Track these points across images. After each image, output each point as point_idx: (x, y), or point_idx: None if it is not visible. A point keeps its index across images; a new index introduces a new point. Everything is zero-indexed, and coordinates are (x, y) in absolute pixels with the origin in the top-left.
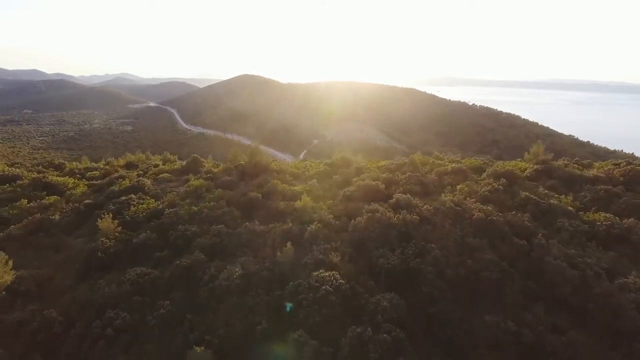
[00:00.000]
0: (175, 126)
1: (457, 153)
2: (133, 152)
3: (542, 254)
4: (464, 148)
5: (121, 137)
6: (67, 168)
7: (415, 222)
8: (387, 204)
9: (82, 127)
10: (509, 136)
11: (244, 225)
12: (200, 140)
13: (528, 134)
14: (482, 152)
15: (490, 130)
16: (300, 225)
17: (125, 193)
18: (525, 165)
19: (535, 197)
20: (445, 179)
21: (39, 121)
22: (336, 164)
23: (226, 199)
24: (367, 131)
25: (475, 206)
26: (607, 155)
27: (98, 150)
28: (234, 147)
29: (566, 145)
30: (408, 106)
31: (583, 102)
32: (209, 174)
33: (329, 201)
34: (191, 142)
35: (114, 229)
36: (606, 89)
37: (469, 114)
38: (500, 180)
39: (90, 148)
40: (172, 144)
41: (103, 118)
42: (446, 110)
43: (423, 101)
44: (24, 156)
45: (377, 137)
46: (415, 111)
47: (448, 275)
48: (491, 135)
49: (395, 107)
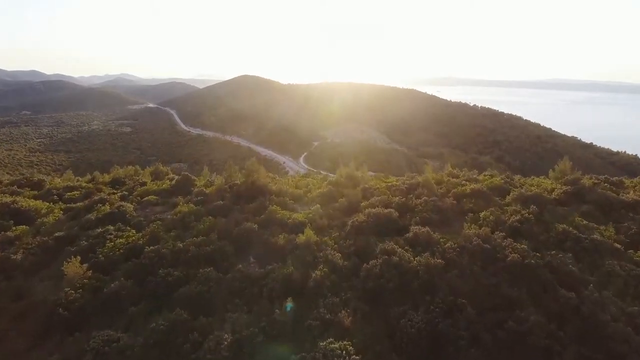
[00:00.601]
0: (175, 127)
1: (459, 154)
2: (132, 154)
3: (596, 310)
4: (465, 149)
5: (120, 139)
6: (46, 187)
7: (439, 267)
8: (403, 238)
9: (81, 128)
10: (510, 137)
11: (237, 268)
12: (199, 142)
13: (529, 135)
14: (483, 153)
15: (492, 131)
16: (303, 268)
17: (103, 222)
18: (552, 184)
19: (574, 231)
20: (465, 204)
21: (37, 123)
22: (341, 182)
23: (217, 228)
24: (368, 132)
25: (507, 243)
26: (610, 157)
27: (96, 153)
28: (229, 163)
29: (569, 147)
30: (408, 107)
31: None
32: (200, 197)
33: (334, 233)
34: (190, 144)
35: (83, 274)
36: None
37: (469, 114)
38: (530, 208)
39: (88, 150)
40: (171, 145)
41: (102, 119)
42: (447, 111)
43: (423, 102)
44: (20, 159)
45: (377, 137)
46: (416, 112)
47: (484, 341)
48: (492, 136)
49: (395, 107)
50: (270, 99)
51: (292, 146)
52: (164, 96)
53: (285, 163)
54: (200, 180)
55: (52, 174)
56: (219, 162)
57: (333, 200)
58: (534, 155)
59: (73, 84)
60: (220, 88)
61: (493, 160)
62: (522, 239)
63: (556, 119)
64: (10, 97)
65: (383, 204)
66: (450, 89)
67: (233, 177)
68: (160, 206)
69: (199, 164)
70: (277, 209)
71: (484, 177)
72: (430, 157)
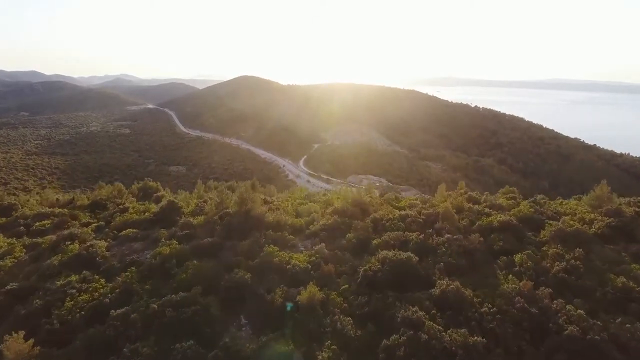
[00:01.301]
0: (174, 129)
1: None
2: (129, 156)
3: None
4: (466, 151)
5: (118, 141)
6: (14, 214)
7: (478, 347)
8: (428, 296)
9: (79, 129)
10: (513, 139)
11: (223, 343)
12: (198, 144)
13: (532, 136)
14: (485, 155)
15: (493, 132)
16: (305, 343)
17: (68, 268)
18: (588, 213)
19: (636, 287)
20: (494, 241)
21: (35, 124)
22: (348, 211)
23: (203, 277)
24: (368, 133)
25: (558, 306)
26: (614, 159)
27: (93, 155)
28: (220, 189)
29: (572, 148)
30: (409, 107)
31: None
32: (186, 230)
33: (343, 284)
34: (189, 146)
35: (29, 352)
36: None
37: (470, 115)
38: (575, 252)
39: (85, 153)
40: (169, 147)
41: (100, 120)
42: (447, 112)
43: (424, 102)
44: (15, 162)
45: (378, 139)
46: (416, 113)
47: None
48: (494, 137)
49: (396, 108)
50: (270, 100)
51: (292, 148)
52: (164, 97)
53: (284, 166)
54: (189, 204)
55: (47, 177)
56: (217, 165)
57: (340, 235)
58: (536, 157)
59: (72, 85)
60: (220, 89)
61: (495, 163)
62: (572, 295)
63: (556, 119)
64: (9, 98)
65: (398, 242)
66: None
67: (225, 203)
68: (139, 242)
69: (198, 166)
70: (275, 249)
71: (506, 200)
72: (432, 159)
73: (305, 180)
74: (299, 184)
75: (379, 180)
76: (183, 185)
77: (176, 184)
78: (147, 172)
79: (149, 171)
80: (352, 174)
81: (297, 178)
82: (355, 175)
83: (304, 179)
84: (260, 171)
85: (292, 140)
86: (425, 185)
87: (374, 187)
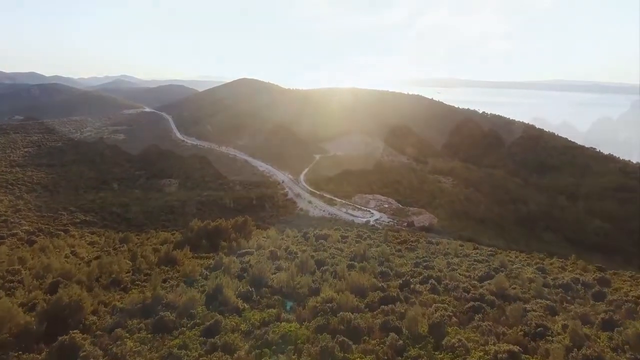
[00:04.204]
0: (169, 135)
1: (471, 168)
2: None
3: None
4: (476, 162)
5: (110, 149)
6: None
7: None
8: None
9: (72, 135)
10: (525, 148)
11: None
12: (193, 154)
13: (545, 146)
14: (496, 167)
15: (504, 141)
16: None
17: None
18: None
19: None
20: None
21: (27, 129)
22: None
23: None
24: (372, 144)
25: None
26: (636, 172)
27: (81, 166)
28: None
29: (588, 159)
30: (414, 114)
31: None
32: None
33: None
34: (183, 156)
35: None
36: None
37: (478, 122)
38: None
39: (74, 163)
40: (163, 156)
41: (96, 125)
42: (455, 119)
43: (430, 109)
44: None
45: (382, 149)
46: (422, 119)
47: None
48: (505, 147)
49: (400, 115)
50: (270, 103)
51: (293, 160)
52: (162, 99)
53: (284, 182)
54: None
55: (24, 196)
56: (212, 180)
57: None
58: (551, 169)
59: (69, 87)
60: (219, 92)
61: (508, 174)
62: None
63: (558, 121)
64: (5, 101)
65: None
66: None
67: None
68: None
69: (191, 179)
70: None
71: None
72: (442, 173)
73: (307, 201)
74: (300, 206)
75: (388, 202)
76: (171, 207)
77: (164, 204)
78: (136, 185)
79: (138, 185)
80: (357, 192)
81: (297, 197)
82: (362, 195)
83: (305, 198)
84: (257, 188)
85: (293, 151)
86: (438, 206)
87: None
